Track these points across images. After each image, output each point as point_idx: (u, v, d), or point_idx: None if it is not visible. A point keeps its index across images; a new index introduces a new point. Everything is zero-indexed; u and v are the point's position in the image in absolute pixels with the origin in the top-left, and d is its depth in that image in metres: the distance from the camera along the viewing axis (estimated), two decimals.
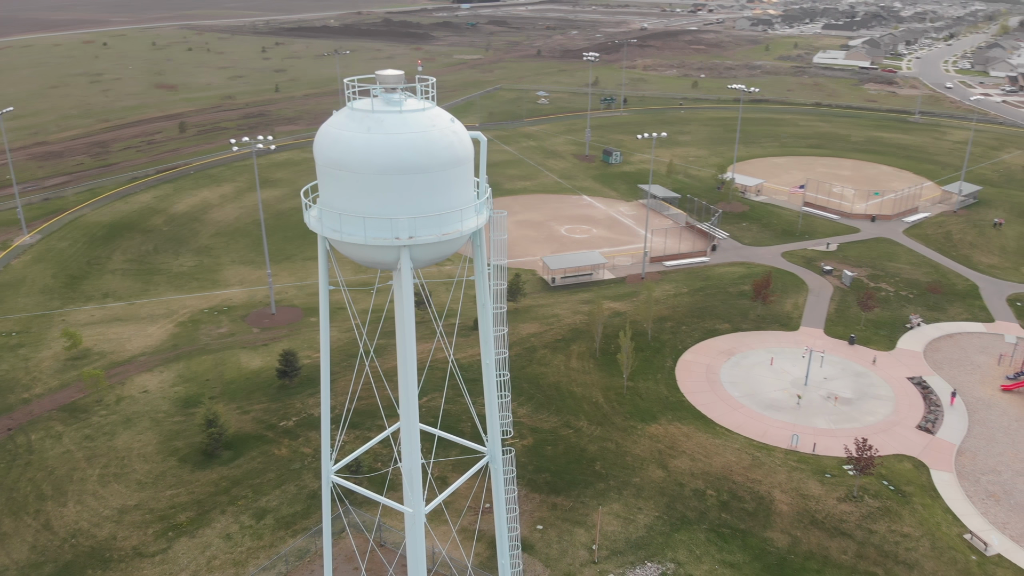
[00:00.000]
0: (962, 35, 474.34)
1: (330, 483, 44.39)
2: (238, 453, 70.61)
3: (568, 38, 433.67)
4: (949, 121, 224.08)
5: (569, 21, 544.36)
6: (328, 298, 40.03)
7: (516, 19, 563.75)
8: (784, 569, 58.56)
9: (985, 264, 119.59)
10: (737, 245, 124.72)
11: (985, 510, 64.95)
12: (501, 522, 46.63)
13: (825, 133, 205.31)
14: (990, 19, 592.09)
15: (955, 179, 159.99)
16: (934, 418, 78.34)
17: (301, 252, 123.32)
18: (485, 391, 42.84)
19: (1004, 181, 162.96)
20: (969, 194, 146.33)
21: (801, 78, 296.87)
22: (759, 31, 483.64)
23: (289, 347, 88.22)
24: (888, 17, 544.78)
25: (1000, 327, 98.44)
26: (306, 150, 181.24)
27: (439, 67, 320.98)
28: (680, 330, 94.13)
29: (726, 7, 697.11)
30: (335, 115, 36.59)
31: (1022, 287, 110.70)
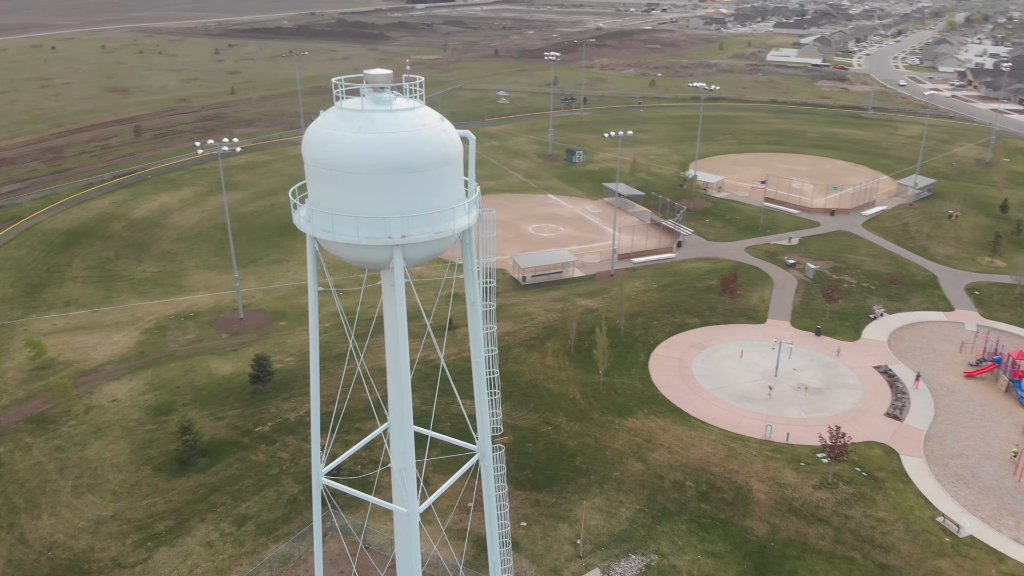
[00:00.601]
0: (910, 32, 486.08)
1: (320, 485, 44.06)
2: (214, 460, 69.64)
3: (525, 38, 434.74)
4: (901, 116, 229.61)
5: (525, 21, 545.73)
6: (317, 299, 39.76)
7: (472, 19, 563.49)
8: (765, 557, 59.63)
9: (942, 255, 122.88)
10: (702, 241, 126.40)
11: (955, 493, 66.84)
12: (492, 520, 46.73)
13: (782, 130, 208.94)
14: (936, 16, 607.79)
15: (910, 173, 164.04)
16: (901, 405, 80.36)
17: (266, 255, 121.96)
18: (475, 389, 42.92)
19: (957, 174, 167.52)
20: (924, 187, 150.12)
21: (756, 76, 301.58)
22: (712, 30, 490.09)
23: (260, 351, 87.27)
24: (837, 15, 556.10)
25: (960, 315, 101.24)
26: (266, 152, 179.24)
27: (396, 67, 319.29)
28: (651, 325, 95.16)
29: (679, 6, 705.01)
30: (323, 115, 36.38)
31: (979, 276, 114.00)
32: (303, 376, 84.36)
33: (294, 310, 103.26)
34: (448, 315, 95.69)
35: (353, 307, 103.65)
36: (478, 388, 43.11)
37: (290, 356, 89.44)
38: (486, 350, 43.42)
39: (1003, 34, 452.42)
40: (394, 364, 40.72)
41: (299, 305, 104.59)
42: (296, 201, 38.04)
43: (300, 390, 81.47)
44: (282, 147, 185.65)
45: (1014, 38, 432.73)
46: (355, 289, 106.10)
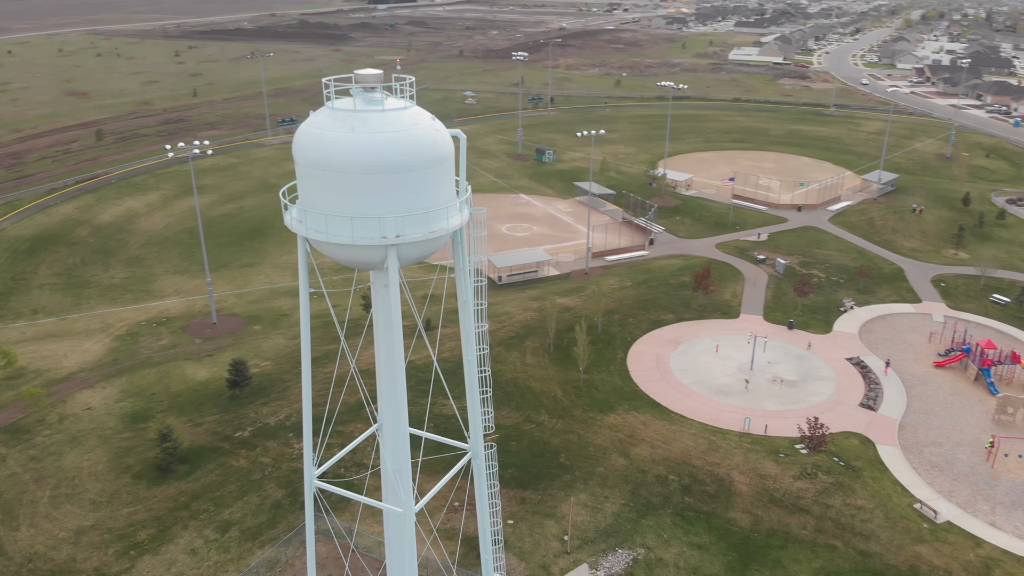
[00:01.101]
0: (867, 29, 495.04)
1: (313, 488, 43.81)
2: (194, 467, 68.79)
3: (489, 38, 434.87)
4: (863, 113, 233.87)
5: (488, 21, 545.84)
6: (308, 301, 39.56)
7: (435, 19, 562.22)
8: (749, 547, 60.48)
9: (908, 248, 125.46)
10: (673, 238, 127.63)
11: (931, 480, 68.38)
12: (484, 518, 46.83)
13: (746, 127, 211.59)
14: (893, 13, 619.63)
15: (873, 168, 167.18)
16: (875, 396, 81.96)
17: (237, 259, 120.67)
18: (467, 387, 42.96)
19: (918, 169, 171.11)
20: (887, 182, 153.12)
21: (719, 75, 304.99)
22: (674, 29, 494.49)
23: (236, 356, 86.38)
24: (796, 14, 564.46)
25: (927, 307, 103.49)
26: (233, 155, 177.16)
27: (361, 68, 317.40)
28: (628, 322, 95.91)
29: (640, 6, 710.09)
30: (313, 115, 36.23)
31: (944, 269, 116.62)
32: (281, 380, 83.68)
33: (268, 314, 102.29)
34: (423, 316, 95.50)
35: (327, 310, 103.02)
36: (470, 386, 43.17)
37: (267, 360, 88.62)
38: (478, 348, 43.55)
39: (958, 31, 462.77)
40: (387, 364, 40.69)
41: (272, 309, 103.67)
42: (286, 202, 37.87)
43: (279, 394, 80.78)
44: (248, 150, 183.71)
45: (969, 35, 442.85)
46: (336, 291, 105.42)
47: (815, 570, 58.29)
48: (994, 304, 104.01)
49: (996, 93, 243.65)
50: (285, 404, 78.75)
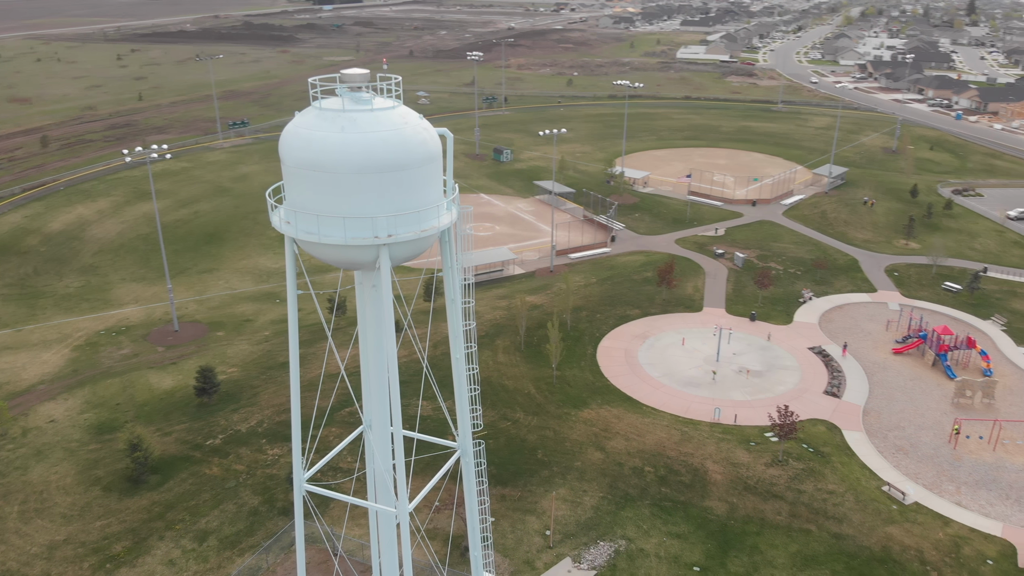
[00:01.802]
0: (809, 27, 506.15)
1: (303, 491, 43.46)
2: (166, 476, 67.54)
3: (438, 38, 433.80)
4: (809, 109, 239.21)
5: (436, 21, 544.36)
6: (296, 302, 39.25)
7: (382, 20, 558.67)
8: (726, 534, 61.64)
9: (860, 239, 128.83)
10: (633, 235, 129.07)
11: (897, 463, 70.46)
12: (473, 516, 46.96)
13: (698, 125, 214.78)
14: (833, 11, 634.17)
15: (823, 163, 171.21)
16: (838, 383, 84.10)
17: (195, 265, 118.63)
18: (455, 386, 43.09)
19: (866, 162, 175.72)
20: (838, 176, 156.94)
21: (668, 73, 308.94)
22: (622, 28, 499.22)
23: (202, 363, 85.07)
24: (740, 12, 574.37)
25: (883, 296, 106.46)
26: (183, 159, 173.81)
27: (310, 69, 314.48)
28: (595, 318, 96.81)
29: (587, 6, 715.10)
30: (300, 116, 35.98)
31: (897, 259, 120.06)
32: (250, 387, 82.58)
33: (231, 320, 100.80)
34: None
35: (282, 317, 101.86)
36: (458, 384, 43.30)
37: (233, 367, 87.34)
38: (466, 346, 43.69)
39: (897, 27, 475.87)
40: (377, 364, 40.63)
41: (235, 315, 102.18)
42: (272, 202, 37.62)
43: (248, 401, 79.71)
44: (199, 153, 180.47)
45: (908, 30, 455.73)
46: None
47: (792, 554, 59.68)
48: (946, 292, 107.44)
49: (937, 87, 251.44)
50: (256, 410, 77.74)
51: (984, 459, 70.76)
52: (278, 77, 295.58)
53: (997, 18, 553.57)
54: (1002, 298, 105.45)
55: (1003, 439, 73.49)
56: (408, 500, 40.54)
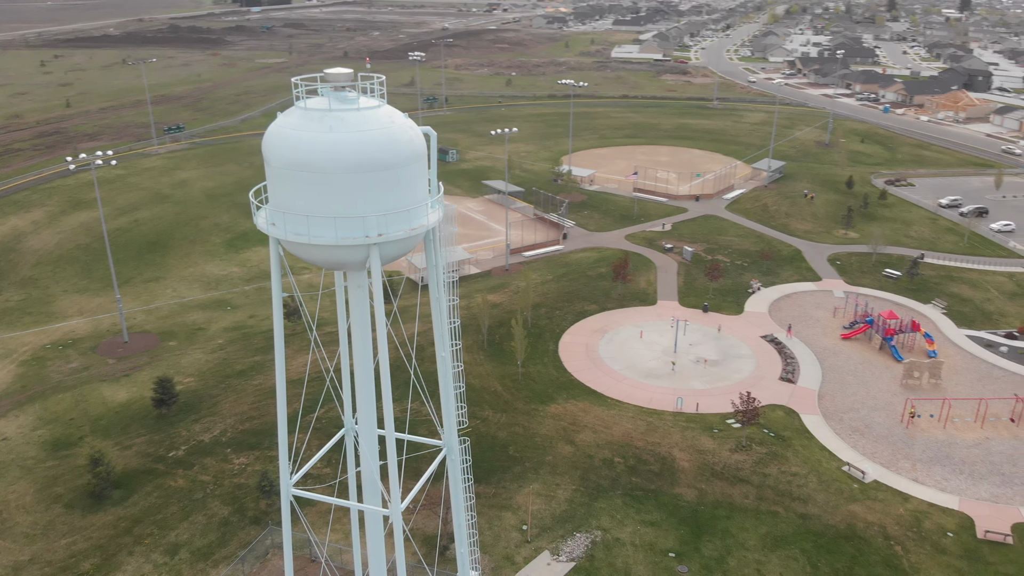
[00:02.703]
0: (737, 25, 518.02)
1: (289, 496, 43.00)
2: (130, 491, 65.82)
3: (372, 39, 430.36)
4: (744, 105, 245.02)
5: (368, 22, 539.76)
6: (281, 305, 38.87)
7: (313, 21, 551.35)
8: (698, 520, 63.09)
9: (802, 230, 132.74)
10: (584, 232, 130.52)
11: (854, 443, 73.05)
12: (460, 513, 47.11)
13: (638, 123, 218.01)
14: (759, 9, 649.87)
15: (760, 157, 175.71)
16: (792, 369, 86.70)
17: (139, 274, 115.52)
18: (441, 383, 43.21)
19: (801, 156, 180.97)
20: (776, 169, 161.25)
21: (605, 72, 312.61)
22: (555, 28, 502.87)
23: (155, 374, 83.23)
24: (669, 12, 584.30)
25: (827, 284, 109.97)
26: (118, 166, 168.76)
27: (242, 72, 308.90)
28: (554, 315, 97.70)
29: (519, 6, 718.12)
30: (283, 116, 35.71)
31: (837, 248, 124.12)
32: (209, 396, 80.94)
33: (182, 329, 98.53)
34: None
35: (244, 321, 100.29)
36: (444, 382, 43.43)
37: (189, 377, 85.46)
38: (452, 344, 43.84)
39: (821, 24, 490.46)
40: (364, 366, 40.51)
41: (186, 324, 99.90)
42: (256, 203, 37.24)
43: (209, 410, 78.13)
44: (134, 160, 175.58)
45: (832, 27, 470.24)
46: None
47: (762, 536, 61.42)
48: (887, 278, 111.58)
49: (864, 82, 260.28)
50: (218, 420, 76.26)
51: (936, 437, 73.91)
52: (210, 80, 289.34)
53: (917, 13, 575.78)
54: (940, 283, 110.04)
55: (952, 417, 76.84)
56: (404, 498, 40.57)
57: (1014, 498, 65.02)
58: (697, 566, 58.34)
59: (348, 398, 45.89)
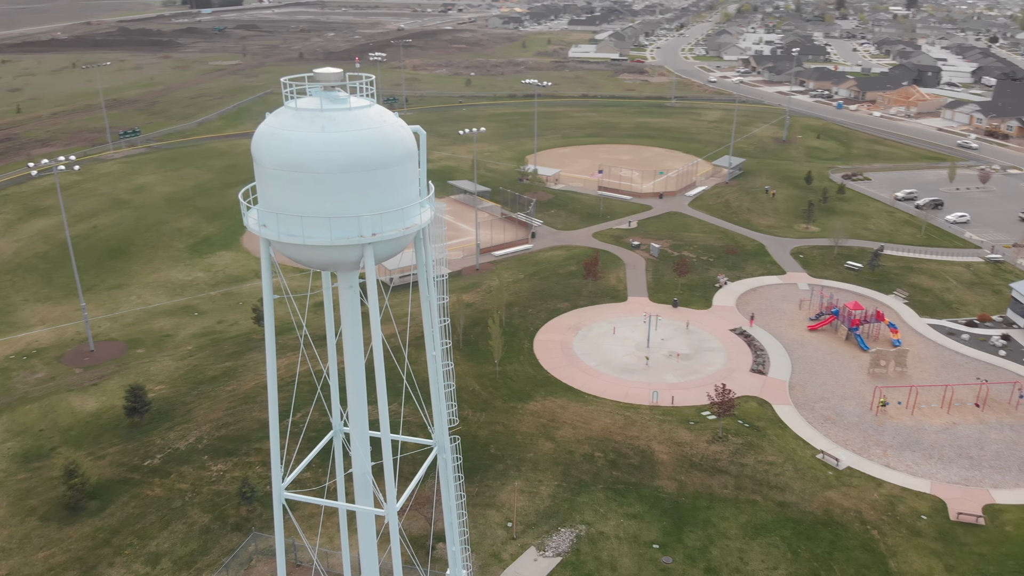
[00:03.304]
0: (691, 24, 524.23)
1: (282, 500, 42.69)
2: (106, 501, 64.64)
3: (327, 40, 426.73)
4: (702, 103, 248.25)
5: (322, 23, 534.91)
6: (272, 308, 38.60)
7: (266, 23, 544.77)
8: (679, 511, 64.00)
9: (764, 225, 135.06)
10: (552, 231, 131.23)
11: (826, 432, 74.69)
12: (451, 512, 47.21)
13: (598, 122, 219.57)
14: (711, 8, 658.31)
15: (720, 154, 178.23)
16: (762, 361, 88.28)
17: (102, 281, 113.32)
18: (431, 382, 43.28)
19: (759, 152, 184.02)
20: (736, 166, 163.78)
21: (563, 72, 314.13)
22: (511, 29, 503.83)
23: (124, 383, 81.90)
24: (623, 11, 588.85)
25: (792, 277, 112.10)
26: (73, 172, 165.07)
27: (196, 75, 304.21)
28: (528, 313, 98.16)
29: (474, 6, 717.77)
30: (273, 116, 35.53)
31: (800, 242, 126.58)
32: (182, 403, 79.78)
33: (148, 336, 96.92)
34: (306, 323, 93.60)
35: (213, 327, 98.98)
36: (434, 380, 43.51)
37: (160, 384, 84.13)
38: (442, 342, 43.94)
39: (773, 23, 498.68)
40: (355, 367, 40.43)
41: (153, 331, 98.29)
42: (246, 204, 36.99)
43: (183, 418, 77.02)
44: (90, 165, 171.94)
45: (783, 26, 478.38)
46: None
47: (742, 524, 62.52)
48: (849, 270, 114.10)
49: (818, 79, 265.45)
50: (193, 427, 75.20)
51: (905, 423, 75.92)
52: (163, 84, 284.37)
53: (865, 11, 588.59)
54: (900, 273, 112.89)
55: (920, 403, 78.98)
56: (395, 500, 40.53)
57: (983, 480, 67.16)
58: (681, 556, 59.21)
59: (336, 400, 45.70)
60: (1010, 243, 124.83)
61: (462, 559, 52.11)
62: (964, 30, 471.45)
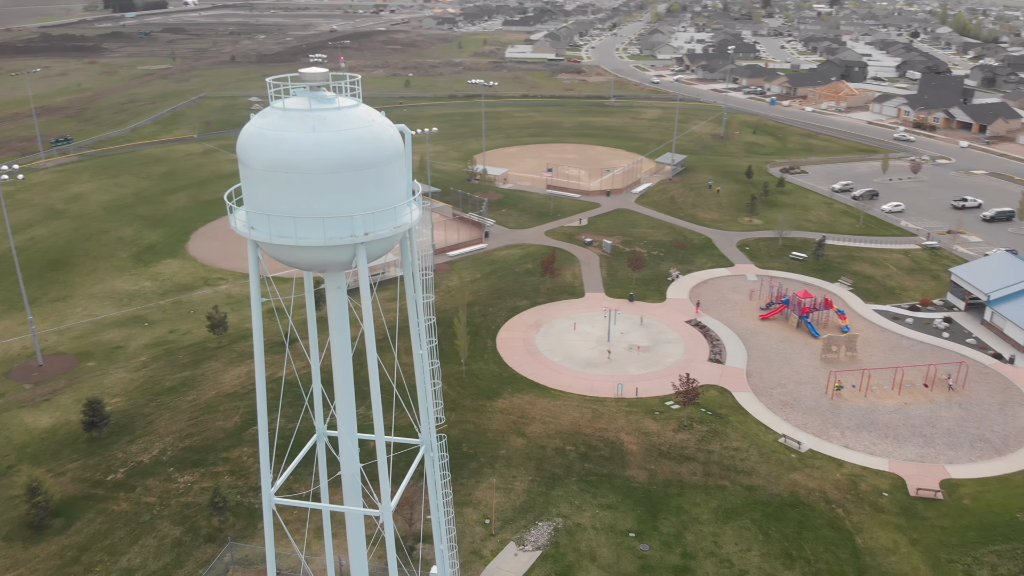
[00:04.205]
0: (623, 24, 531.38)
1: (272, 506, 42.28)
2: (71, 519, 62.80)
3: (258, 43, 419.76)
4: (639, 102, 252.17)
5: (252, 26, 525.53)
6: (260, 311, 38.27)
7: (193, 26, 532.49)
8: (652, 499, 65.30)
9: (709, 220, 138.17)
10: (505, 230, 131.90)
11: (786, 416, 77.05)
12: (438, 510, 47.37)
13: (541, 122, 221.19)
14: (641, 8, 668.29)
15: (661, 152, 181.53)
16: (719, 350, 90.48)
17: (44, 294, 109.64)
18: (418, 380, 43.46)
19: (699, 149, 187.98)
20: (679, 163, 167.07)
21: (501, 72, 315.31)
22: (446, 29, 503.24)
23: (78, 397, 79.78)
24: (556, 12, 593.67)
25: (740, 269, 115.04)
26: (5, 184, 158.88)
27: (125, 80, 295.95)
28: (488, 312, 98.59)
29: (407, 7, 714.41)
30: (260, 117, 35.28)
31: (745, 235, 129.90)
32: (141, 416, 77.89)
33: (98, 349, 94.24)
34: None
35: (164, 337, 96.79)
36: (421, 379, 43.66)
37: (116, 397, 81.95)
38: (429, 340, 44.09)
39: (703, 21, 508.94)
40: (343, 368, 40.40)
41: (102, 343, 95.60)
42: (232, 205, 36.66)
43: (144, 430, 75.21)
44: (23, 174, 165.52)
45: (713, 24, 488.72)
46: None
47: (713, 509, 64.14)
48: (794, 260, 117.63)
49: (750, 76, 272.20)
50: (155, 439, 73.51)
51: (859, 405, 78.80)
52: (91, 90, 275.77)
53: (790, 9, 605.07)
54: (843, 262, 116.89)
55: (872, 386, 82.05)
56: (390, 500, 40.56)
57: (938, 457, 70.25)
58: (657, 543, 60.46)
59: (319, 403, 45.46)
60: (944, 230, 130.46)
61: (449, 557, 52.30)
62: (886, 26, 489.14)
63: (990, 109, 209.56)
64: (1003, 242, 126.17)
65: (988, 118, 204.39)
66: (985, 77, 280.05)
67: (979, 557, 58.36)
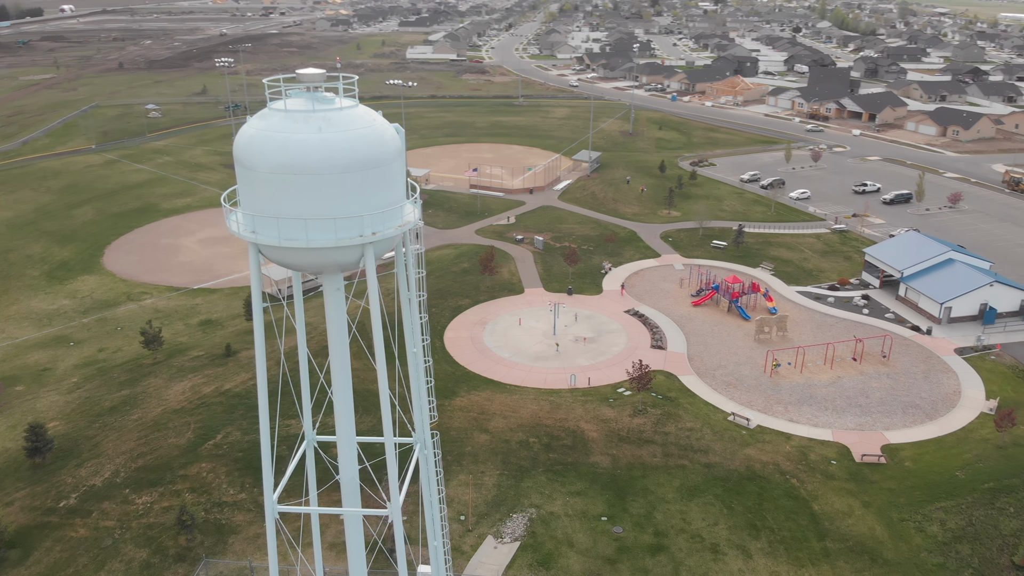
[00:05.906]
0: (518, 24, 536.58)
1: (275, 516, 41.85)
2: (28, 549, 59.96)
3: (144, 48, 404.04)
4: (547, 101, 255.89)
5: (136, 31, 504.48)
6: (262, 316, 37.96)
7: (73, 33, 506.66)
8: (618, 483, 67.42)
9: (631, 213, 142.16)
10: (435, 230, 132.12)
11: (731, 396, 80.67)
12: (433, 507, 47.83)
13: (452, 122, 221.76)
14: (534, 8, 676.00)
15: (575, 150, 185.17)
16: (659, 337, 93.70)
17: None
18: (412, 379, 43.87)
19: (611, 145, 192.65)
20: (594, 160, 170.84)
21: (404, 73, 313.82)
22: (341, 31, 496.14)
23: (9, 423, 76.26)
24: (450, 12, 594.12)
25: (667, 259, 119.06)
26: None
27: (8, 91, 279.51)
28: (432, 312, 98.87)
29: (296, 9, 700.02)
30: (259, 119, 35.01)
31: (666, 226, 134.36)
32: (85, 438, 74.73)
33: (25, 372, 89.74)
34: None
35: (95, 356, 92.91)
36: (415, 377, 44.06)
37: (54, 421, 78.28)
38: (422, 338, 44.48)
39: (596, 21, 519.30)
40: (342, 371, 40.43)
41: (28, 365, 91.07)
42: (228, 207, 36.28)
43: (91, 453, 72.23)
44: None
45: (606, 24, 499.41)
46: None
47: (677, 488, 66.77)
48: (716, 248, 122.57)
49: (649, 73, 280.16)
50: (104, 461, 70.73)
51: (797, 381, 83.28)
52: None
53: (677, 7, 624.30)
54: (761, 248, 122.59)
55: (806, 363, 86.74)
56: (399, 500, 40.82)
57: (875, 424, 75.12)
58: (629, 525, 62.53)
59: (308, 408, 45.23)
60: (850, 214, 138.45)
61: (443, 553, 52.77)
62: (769, 22, 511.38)
63: (878, 98, 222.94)
64: (905, 222, 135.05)
65: (877, 107, 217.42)
66: (868, 68, 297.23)
67: (928, 514, 62.99)
